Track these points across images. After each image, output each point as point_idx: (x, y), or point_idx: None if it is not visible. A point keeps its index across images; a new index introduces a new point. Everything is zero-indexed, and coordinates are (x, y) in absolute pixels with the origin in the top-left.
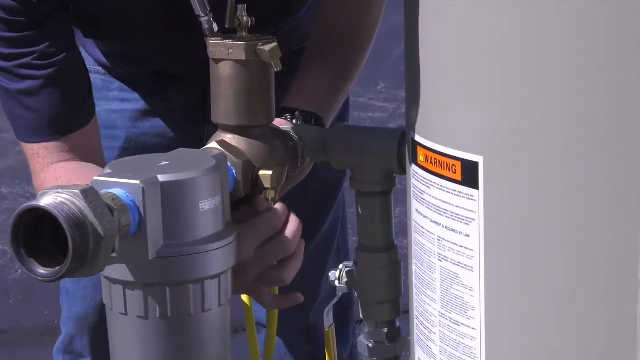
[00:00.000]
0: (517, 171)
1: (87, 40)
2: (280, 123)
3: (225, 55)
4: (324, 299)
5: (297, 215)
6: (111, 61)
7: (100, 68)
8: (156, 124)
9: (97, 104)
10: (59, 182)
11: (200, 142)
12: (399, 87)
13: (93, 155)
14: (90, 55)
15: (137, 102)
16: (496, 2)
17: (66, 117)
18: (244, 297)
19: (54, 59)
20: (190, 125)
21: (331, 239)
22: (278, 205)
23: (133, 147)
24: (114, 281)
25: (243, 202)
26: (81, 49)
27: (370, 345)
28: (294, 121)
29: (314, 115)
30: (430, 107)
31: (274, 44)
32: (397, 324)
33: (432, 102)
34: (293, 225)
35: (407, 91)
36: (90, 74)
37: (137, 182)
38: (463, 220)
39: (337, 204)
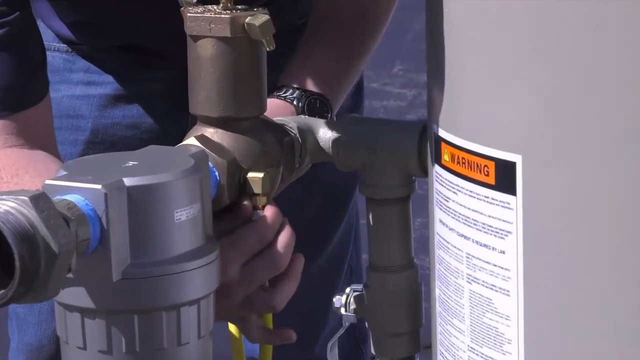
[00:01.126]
0: (564, 173)
1: (45, 9)
2: (277, 106)
3: (206, 31)
4: (332, 330)
5: (298, 228)
6: (75, 33)
7: (62, 44)
8: (129, 113)
9: (58, 88)
10: (1, 175)
11: (182, 135)
12: (419, 69)
13: (45, 144)
14: (50, 27)
15: (105, 86)
16: None
17: (18, 89)
18: (232, 327)
19: (4, 19)
20: (170, 114)
21: (341, 258)
22: (268, 211)
23: (101, 141)
24: (70, 308)
25: (228, 211)
26: (38, 22)
27: None
28: (295, 103)
29: (319, 97)
30: (457, 94)
31: (266, 17)
32: None
33: (460, 88)
34: (285, 236)
35: (429, 75)
36: (48, 53)
37: (99, 186)
38: (497, 233)
39: (349, 213)
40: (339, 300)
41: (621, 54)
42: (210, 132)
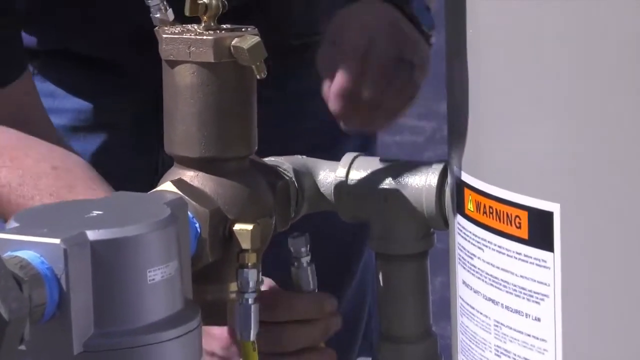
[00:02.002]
0: (610, 225)
1: None
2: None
3: (185, 55)
4: None
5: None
6: (31, 29)
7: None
8: (90, 147)
9: None
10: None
11: (152, 177)
12: (440, 97)
13: (40, 124)
14: None
15: (64, 115)
16: None
17: (4, 56)
18: None
19: None
20: (140, 149)
21: (354, 323)
22: (266, 286)
23: None
24: None
25: (213, 270)
26: None
27: None
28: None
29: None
30: (484, 130)
31: (256, 39)
32: None
33: (487, 123)
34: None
35: (450, 106)
36: None
37: (57, 240)
38: (531, 297)
39: (362, 267)
40: None
41: None
42: (189, 175)
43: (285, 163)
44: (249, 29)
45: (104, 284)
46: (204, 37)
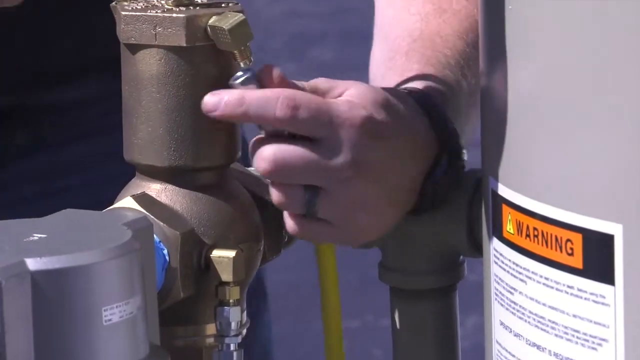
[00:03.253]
0: None
1: None
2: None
3: (150, 37)
4: None
5: None
6: None
7: None
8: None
9: None
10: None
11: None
12: None
13: None
14: None
15: None
16: None
17: None
18: None
19: None
20: None
21: None
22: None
23: None
24: None
25: (185, 308)
26: None
27: None
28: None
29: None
30: (530, 134)
31: (240, 17)
32: None
33: (535, 125)
34: None
35: (484, 101)
36: None
37: None
38: (587, 341)
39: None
40: None
41: None
42: (155, 188)
43: None
44: (230, 4)
45: (48, 324)
46: (174, 15)
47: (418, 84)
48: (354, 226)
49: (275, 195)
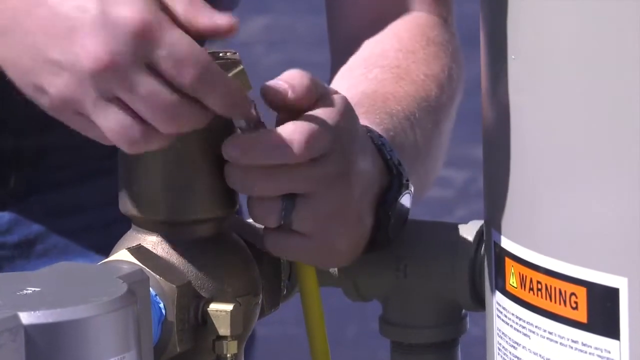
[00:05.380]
0: None
1: None
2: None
3: None
4: None
5: None
6: None
7: None
8: None
9: None
10: None
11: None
12: (474, 140)
13: None
14: None
15: None
16: None
17: None
18: None
19: None
20: None
21: None
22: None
23: None
24: None
25: None
26: None
27: None
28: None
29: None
30: (534, 186)
31: (239, 68)
32: None
33: (538, 177)
34: None
35: (486, 152)
36: None
37: None
38: None
39: None
40: None
41: None
42: (151, 241)
43: None
44: (228, 53)
45: None
46: None
47: (365, 122)
48: (329, 238)
49: (252, 207)
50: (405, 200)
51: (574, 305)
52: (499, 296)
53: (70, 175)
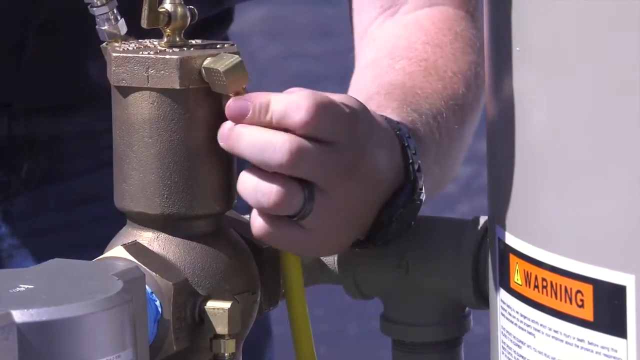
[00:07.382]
0: None
1: None
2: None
3: (142, 80)
4: None
5: None
6: None
7: None
8: None
9: None
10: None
11: None
12: (478, 135)
13: None
14: None
15: None
16: None
17: None
18: None
19: None
20: None
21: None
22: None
23: None
24: None
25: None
26: None
27: None
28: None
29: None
30: (539, 181)
31: (235, 59)
32: None
33: (543, 173)
34: None
35: (490, 147)
36: None
37: None
38: None
39: None
40: None
41: None
42: (147, 237)
43: None
44: (225, 45)
45: None
46: (167, 56)
47: (396, 118)
48: (327, 233)
49: (275, 194)
50: (413, 208)
51: (580, 303)
52: (503, 294)
53: (84, 164)
